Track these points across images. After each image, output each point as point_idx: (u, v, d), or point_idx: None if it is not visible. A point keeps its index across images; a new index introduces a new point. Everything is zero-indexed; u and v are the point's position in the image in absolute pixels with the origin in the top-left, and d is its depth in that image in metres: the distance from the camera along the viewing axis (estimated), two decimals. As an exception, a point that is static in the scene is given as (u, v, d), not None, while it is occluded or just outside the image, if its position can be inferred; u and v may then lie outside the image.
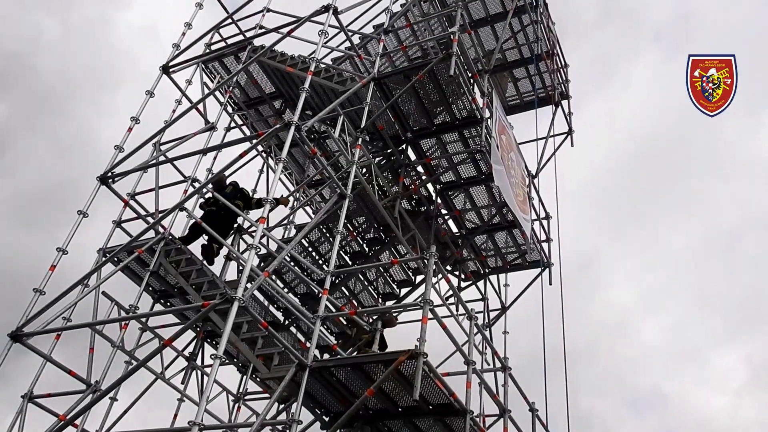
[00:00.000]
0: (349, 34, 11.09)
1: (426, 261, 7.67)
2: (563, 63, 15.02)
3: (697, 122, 33.42)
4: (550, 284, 12.20)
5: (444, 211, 12.21)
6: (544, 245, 12.67)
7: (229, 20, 12.36)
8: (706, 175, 32.49)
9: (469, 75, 10.91)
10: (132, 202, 10.02)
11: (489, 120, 10.99)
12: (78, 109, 28.33)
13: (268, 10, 11.71)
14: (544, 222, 12.92)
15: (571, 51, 30.96)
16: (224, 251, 10.10)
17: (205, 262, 9.68)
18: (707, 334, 31.82)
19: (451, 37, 10.18)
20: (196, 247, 9.96)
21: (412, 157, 11.55)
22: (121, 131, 10.37)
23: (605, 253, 32.24)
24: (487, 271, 12.99)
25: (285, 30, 10.56)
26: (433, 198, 11.94)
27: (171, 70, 11.34)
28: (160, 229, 9.57)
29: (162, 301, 10.14)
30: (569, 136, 14.43)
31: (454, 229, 12.50)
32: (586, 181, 30.83)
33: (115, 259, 9.49)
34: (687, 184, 32.83)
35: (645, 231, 32.75)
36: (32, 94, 27.65)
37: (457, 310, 9.53)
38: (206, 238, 9.84)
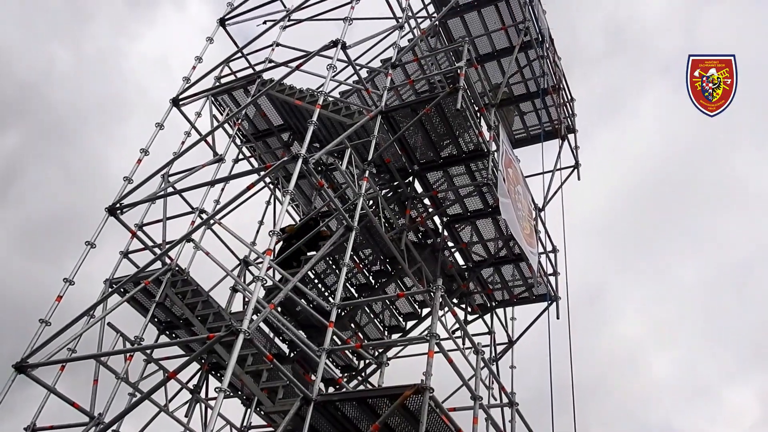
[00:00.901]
0: (357, 68, 11.23)
1: (432, 294, 7.64)
2: (569, 97, 15.14)
3: (706, 155, 33.37)
4: (558, 318, 12.12)
5: (450, 244, 12.18)
6: (551, 279, 12.60)
7: (239, 54, 12.56)
8: (716, 207, 32.34)
9: (476, 109, 11.01)
10: (139, 233, 10.06)
11: (496, 153, 11.04)
12: (88, 138, 28.66)
13: (278, 45, 11.88)
14: (551, 255, 12.89)
15: (579, 83, 31.25)
16: (230, 283, 10.09)
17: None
18: (719, 369, 31.33)
19: (458, 71, 10.28)
20: (204, 279, 9.96)
21: (419, 189, 11.59)
22: (130, 161, 10.48)
23: (614, 287, 32.00)
24: (493, 304, 12.90)
25: (294, 64, 10.71)
26: (440, 231, 11.93)
27: (181, 103, 11.48)
28: (167, 260, 9.59)
29: (167, 332, 10.10)
30: (576, 170, 14.46)
31: (461, 262, 12.46)
32: (594, 213, 30.78)
33: (122, 290, 9.50)
34: (697, 216, 32.67)
35: (654, 264, 32.53)
36: (44, 123, 28.02)
37: (463, 344, 9.44)
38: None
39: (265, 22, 12.45)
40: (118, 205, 9.82)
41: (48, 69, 28.33)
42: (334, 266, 11.25)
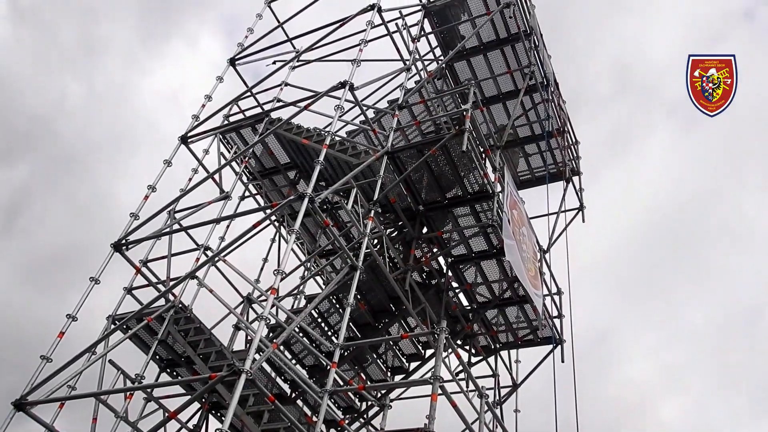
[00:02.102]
0: (364, 108, 11.37)
1: (436, 335, 7.58)
2: (574, 140, 15.25)
3: (713, 196, 33.32)
4: (563, 362, 11.96)
5: (455, 285, 12.13)
6: (556, 321, 12.50)
7: (248, 93, 12.73)
8: (725, 249, 32.14)
9: (481, 150, 11.08)
10: (144, 269, 10.06)
11: (500, 194, 11.08)
12: (97, 172, 28.91)
13: (286, 84, 12.07)
14: (556, 297, 12.80)
15: (586, 124, 31.40)
16: (234, 320, 10.05)
17: None
18: (730, 414, 30.75)
19: (464, 113, 10.39)
20: (207, 317, 9.92)
21: (424, 229, 11.60)
22: (138, 195, 10.56)
23: (622, 329, 31.68)
24: (498, 346, 12.78)
25: (302, 104, 10.85)
26: (444, 271, 11.90)
27: (189, 140, 11.60)
28: (171, 297, 9.57)
29: (168, 370, 10.01)
30: (581, 212, 14.47)
31: (465, 303, 12.39)
32: (601, 255, 30.63)
33: (124, 326, 9.45)
34: (705, 258, 32.45)
35: (663, 306, 32.22)
36: (53, 156, 28.33)
37: (467, 387, 9.33)
38: None
39: (274, 62, 12.67)
40: (123, 241, 9.85)
41: (59, 102, 28.77)
42: (337, 305, 11.21)
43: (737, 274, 31.81)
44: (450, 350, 9.96)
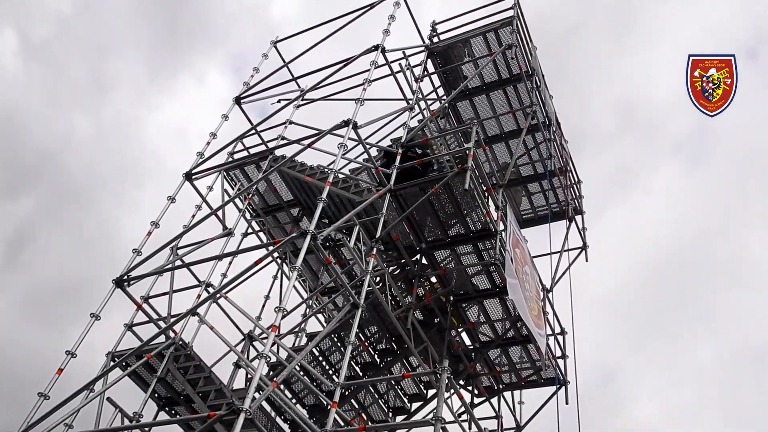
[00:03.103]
0: (368, 146, 11.45)
1: (438, 375, 7.50)
2: (576, 179, 15.31)
3: (719, 234, 33.16)
4: (567, 403, 11.79)
5: (457, 324, 12.04)
6: (560, 362, 12.36)
7: (253, 131, 12.85)
8: (732, 288, 31.84)
9: (484, 188, 11.12)
10: (145, 306, 10.02)
11: (503, 233, 11.07)
12: (102, 206, 29.07)
13: (291, 123, 12.19)
14: (560, 337, 12.68)
15: (590, 160, 31.47)
16: (234, 358, 9.96)
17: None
18: (739, 456, 30.10)
19: (467, 152, 10.46)
20: (207, 354, 9.83)
21: (427, 268, 11.56)
22: (142, 228, 10.59)
23: (628, 369, 31.27)
24: (501, 387, 12.61)
25: (306, 142, 10.95)
26: (447, 310, 11.82)
27: (194, 177, 11.67)
28: (171, 334, 9.51)
29: (167, 408, 9.88)
30: (584, 251, 14.43)
31: (468, 342, 12.28)
32: (606, 293, 30.43)
33: (123, 363, 9.37)
34: (712, 297, 32.15)
35: (669, 346, 31.83)
36: (59, 190, 28.53)
37: (470, 428, 9.19)
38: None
39: (279, 101, 12.82)
40: (125, 277, 9.84)
41: (67, 136, 29.10)
42: (339, 343, 11.12)
43: (744, 314, 31.49)
44: (452, 390, 9.82)
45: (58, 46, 30.48)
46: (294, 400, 10.90)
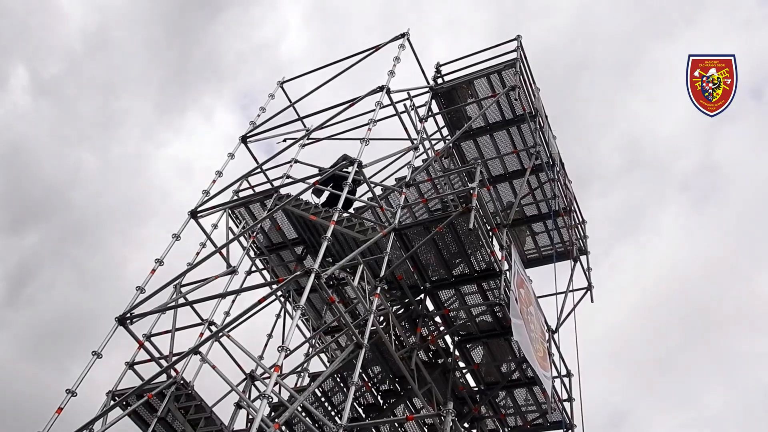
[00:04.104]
0: (372, 185, 11.51)
1: (443, 417, 7.38)
2: (581, 219, 15.30)
3: (729, 273, 32.87)
4: (574, 447, 11.58)
5: (462, 365, 11.90)
6: (566, 405, 12.16)
7: (258, 169, 12.94)
8: (743, 330, 31.38)
9: (488, 228, 11.12)
10: (147, 344, 9.95)
11: (508, 273, 11.03)
12: (107, 241, 29.12)
13: (296, 162, 12.27)
14: (566, 380, 12.51)
15: (597, 199, 31.45)
16: (235, 398, 9.83)
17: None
18: (752, 504, 29.33)
19: (471, 191, 10.50)
20: (209, 393, 9.72)
21: (430, 307, 11.49)
22: (147, 265, 10.56)
23: (637, 413, 30.68)
24: (506, 430, 12.40)
25: (311, 180, 11.00)
26: (451, 350, 11.70)
27: (199, 215, 11.71)
28: (173, 373, 9.42)
29: (166, 449, 9.73)
30: (589, 292, 14.34)
31: (473, 384, 12.11)
32: (613, 334, 30.05)
33: (124, 403, 9.26)
34: (723, 338, 31.67)
35: (680, 388, 31.25)
36: (64, 225, 28.63)
37: (474, 473, 8.99)
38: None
39: (285, 140, 12.94)
40: (128, 314, 9.79)
41: (74, 172, 29.34)
42: (342, 384, 10.98)
43: (757, 355, 30.97)
44: (457, 433, 9.66)
45: (67, 83, 31.00)
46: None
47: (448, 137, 14.09)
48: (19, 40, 29.41)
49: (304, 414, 9.85)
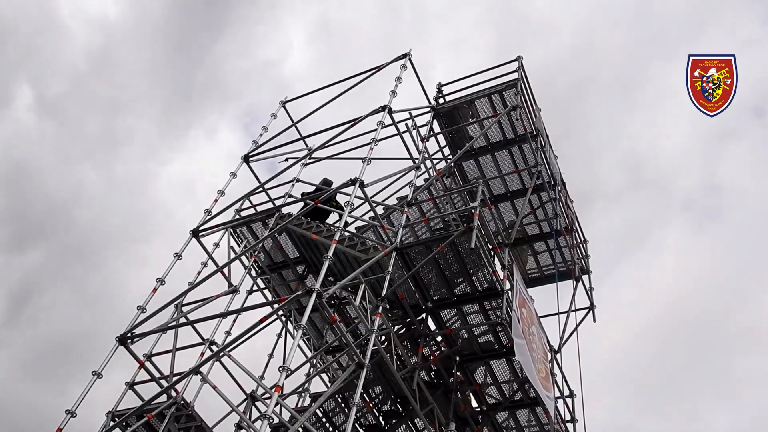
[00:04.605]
0: (374, 205, 11.52)
1: (445, 439, 7.32)
2: (583, 239, 15.29)
3: (732, 293, 32.69)
4: (577, 469, 11.46)
5: (464, 385, 11.81)
6: (569, 425, 12.06)
7: (260, 188, 12.96)
8: (747, 349, 31.14)
9: (490, 247, 11.10)
10: (147, 364, 9.91)
11: (510, 292, 11.00)
12: (110, 260, 29.10)
13: (298, 181, 12.30)
14: (569, 400, 12.42)
15: (599, 217, 31.40)
16: (236, 418, 9.75)
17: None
18: None
19: (473, 211, 10.50)
20: (209, 413, 9.65)
21: (432, 327, 11.44)
22: (148, 283, 10.54)
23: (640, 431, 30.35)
24: (509, 451, 12.27)
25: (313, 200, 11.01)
26: (453, 370, 11.63)
27: (200, 234, 11.71)
28: (173, 393, 9.37)
29: (165, 471, 9.64)
30: (591, 312, 14.29)
31: (474, 405, 12.02)
32: (616, 355, 29.86)
33: (124, 423, 9.20)
34: (726, 358, 31.34)
35: (684, 410, 30.93)
36: (67, 243, 28.64)
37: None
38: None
39: (287, 159, 12.99)
40: (129, 334, 9.76)
41: (77, 190, 29.42)
42: (343, 404, 10.91)
43: (763, 377, 30.67)
44: (459, 455, 9.58)
45: (71, 102, 31.21)
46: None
47: (450, 156, 14.13)
48: (24, 59, 29.69)
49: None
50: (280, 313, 12.24)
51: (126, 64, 31.99)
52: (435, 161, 13.93)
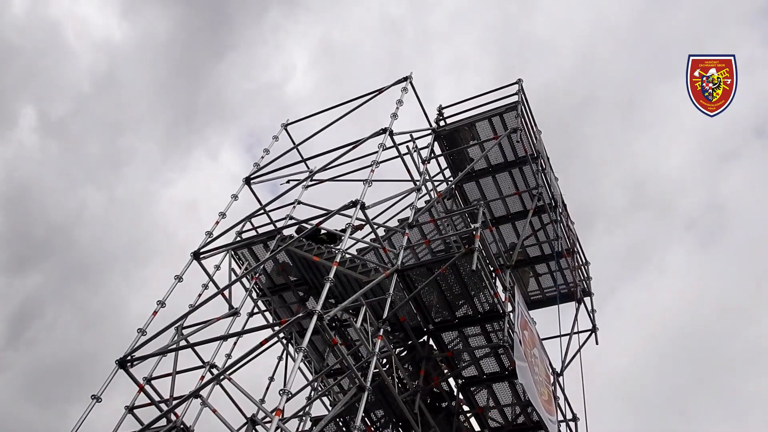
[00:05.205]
0: (375, 227, 11.52)
1: (447, 464, 7.24)
2: (584, 260, 15.25)
3: (737, 314, 32.44)
4: (581, 494, 11.31)
5: (466, 408, 11.72)
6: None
7: (261, 210, 12.98)
8: (752, 370, 30.83)
9: (491, 269, 11.08)
10: (147, 387, 9.84)
11: (511, 314, 10.95)
12: (111, 281, 29.04)
13: (299, 203, 12.32)
14: (572, 424, 12.30)
15: (602, 237, 31.30)
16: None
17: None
18: None
19: (474, 233, 10.50)
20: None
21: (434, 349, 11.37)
22: (149, 305, 10.51)
23: (645, 455, 29.97)
24: (511, 475, 12.12)
25: (314, 222, 11.03)
26: (455, 393, 11.54)
27: (201, 256, 11.70)
28: (173, 417, 9.29)
29: (164, 496, 9.52)
30: (593, 334, 14.20)
31: (477, 428, 11.90)
32: (620, 377, 29.58)
33: (122, 447, 9.12)
34: (732, 381, 31.03)
35: (688, 429, 30.56)
36: (69, 264, 28.58)
37: None
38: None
39: (288, 181, 13.02)
40: (128, 357, 9.71)
41: (79, 211, 29.45)
42: (344, 428, 10.80)
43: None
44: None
45: (75, 123, 31.40)
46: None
47: (451, 178, 14.17)
48: (28, 80, 29.93)
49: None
50: (281, 335, 12.19)
51: (130, 85, 32.25)
52: (436, 183, 13.96)
